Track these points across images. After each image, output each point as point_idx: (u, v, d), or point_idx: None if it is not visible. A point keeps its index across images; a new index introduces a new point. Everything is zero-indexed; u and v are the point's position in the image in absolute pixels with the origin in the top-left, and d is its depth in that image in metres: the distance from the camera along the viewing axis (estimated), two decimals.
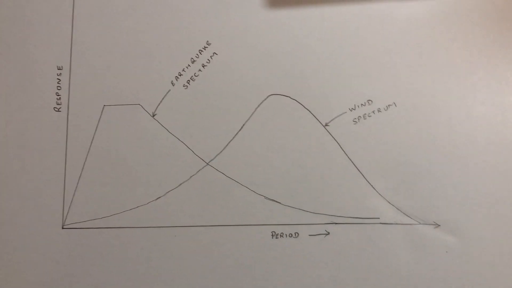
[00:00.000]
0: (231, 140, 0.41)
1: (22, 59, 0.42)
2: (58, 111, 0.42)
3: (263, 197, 0.40)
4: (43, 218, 0.41)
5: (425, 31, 0.42)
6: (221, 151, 0.41)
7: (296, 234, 0.40)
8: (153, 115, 0.42)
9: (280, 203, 0.40)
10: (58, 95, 0.42)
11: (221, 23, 0.42)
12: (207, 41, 0.42)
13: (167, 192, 0.41)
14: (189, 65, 0.42)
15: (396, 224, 0.40)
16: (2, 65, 0.42)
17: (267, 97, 0.41)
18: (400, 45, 0.41)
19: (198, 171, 0.41)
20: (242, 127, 0.41)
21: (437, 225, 0.39)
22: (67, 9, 0.43)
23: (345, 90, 0.41)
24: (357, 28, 0.42)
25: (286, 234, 0.40)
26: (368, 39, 0.42)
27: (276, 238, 0.40)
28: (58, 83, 0.42)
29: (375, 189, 0.40)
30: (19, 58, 0.42)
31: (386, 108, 0.41)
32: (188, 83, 0.42)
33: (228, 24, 0.42)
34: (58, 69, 0.42)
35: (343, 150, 0.41)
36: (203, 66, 0.42)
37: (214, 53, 0.42)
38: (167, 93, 0.42)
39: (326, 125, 0.41)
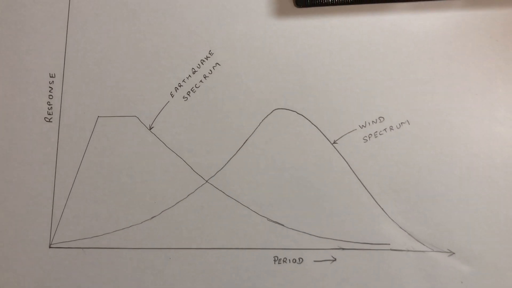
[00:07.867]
0: (232, 157, 0.39)
1: (13, 65, 0.40)
2: (49, 121, 0.39)
3: (266, 219, 0.38)
4: (29, 235, 0.38)
5: (441, 45, 0.39)
6: (221, 168, 0.38)
7: (300, 260, 0.37)
8: (150, 128, 0.39)
9: (283, 225, 0.38)
10: (49, 104, 0.39)
11: (225, 32, 0.40)
12: (210, 50, 0.40)
13: (162, 211, 0.38)
14: (189, 75, 0.39)
15: (408, 251, 0.37)
16: None
17: (272, 111, 0.39)
18: (414, 60, 0.39)
19: (196, 189, 0.38)
20: (244, 143, 0.39)
21: (451, 253, 0.37)
22: (62, 14, 0.40)
23: (355, 106, 0.39)
24: (369, 40, 0.39)
25: (289, 259, 0.37)
26: (380, 53, 0.39)
27: (279, 263, 0.37)
28: (50, 91, 0.39)
29: (385, 213, 0.37)
30: (9, 63, 0.40)
31: (398, 126, 0.38)
32: (188, 94, 0.39)
33: (232, 33, 0.40)
34: (51, 76, 0.40)
35: (352, 169, 0.38)
36: (204, 77, 0.39)
37: (217, 63, 0.40)
38: (166, 105, 0.39)
39: (335, 142, 0.38)
